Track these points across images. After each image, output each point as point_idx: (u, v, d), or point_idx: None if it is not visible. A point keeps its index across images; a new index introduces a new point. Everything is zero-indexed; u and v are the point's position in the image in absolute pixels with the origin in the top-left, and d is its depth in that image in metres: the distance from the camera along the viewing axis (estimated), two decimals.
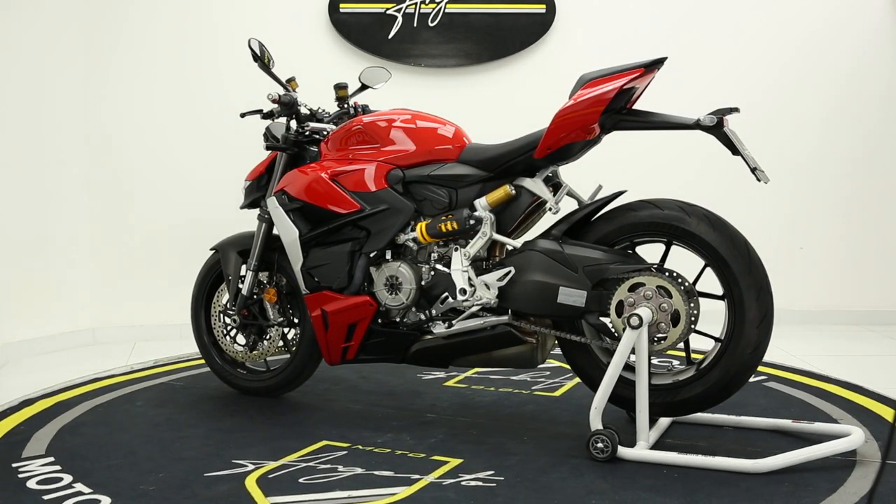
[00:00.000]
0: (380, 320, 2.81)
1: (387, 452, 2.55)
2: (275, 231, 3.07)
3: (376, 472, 2.38)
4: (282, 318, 3.10)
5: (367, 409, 3.01)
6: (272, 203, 2.94)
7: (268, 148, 3.02)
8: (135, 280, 4.34)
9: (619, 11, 4.51)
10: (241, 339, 3.17)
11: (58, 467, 2.45)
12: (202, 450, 2.59)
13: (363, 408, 3.02)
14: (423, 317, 2.76)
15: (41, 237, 4.09)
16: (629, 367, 2.56)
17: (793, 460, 2.35)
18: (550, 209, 2.62)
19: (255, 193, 3.13)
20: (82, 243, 4.27)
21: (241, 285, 3.10)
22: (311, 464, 2.46)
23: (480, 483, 2.31)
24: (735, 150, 2.46)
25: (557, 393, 3.22)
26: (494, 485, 2.29)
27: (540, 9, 4.42)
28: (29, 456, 2.55)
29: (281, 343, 3.14)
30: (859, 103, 4.54)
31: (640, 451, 2.44)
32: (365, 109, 3.17)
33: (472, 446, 2.59)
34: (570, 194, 2.75)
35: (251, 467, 2.43)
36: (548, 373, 3.48)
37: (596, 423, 2.46)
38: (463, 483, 2.30)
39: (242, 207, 3.22)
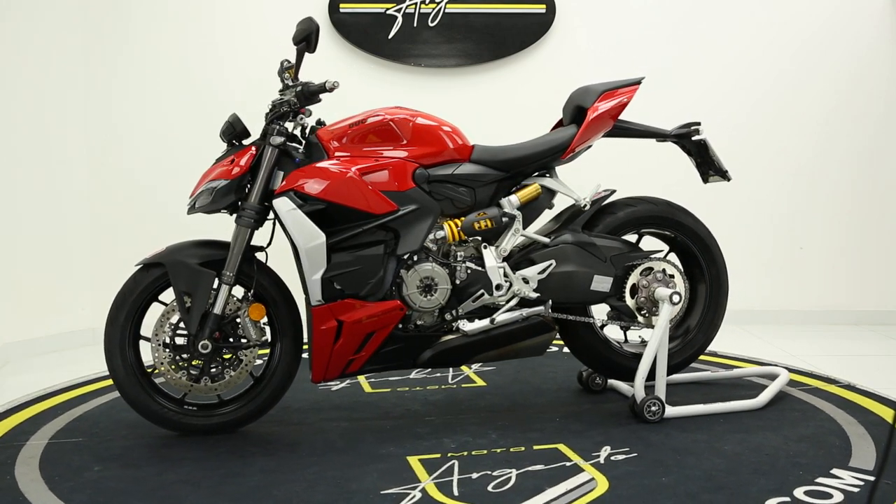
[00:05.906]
0: (400, 325, 2.71)
1: (486, 454, 2.50)
2: (258, 236, 2.76)
3: (531, 469, 2.38)
4: (265, 337, 2.73)
5: (356, 423, 2.82)
6: (284, 204, 2.58)
7: (278, 145, 2.65)
8: None
9: (620, 11, 4.51)
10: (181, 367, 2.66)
11: None
12: (319, 490, 2.25)
13: (350, 425, 2.81)
14: (448, 317, 2.75)
15: (41, 237, 4.09)
16: (601, 336, 2.97)
17: (771, 395, 2.97)
18: (585, 206, 2.88)
19: (235, 195, 2.65)
20: (82, 243, 4.26)
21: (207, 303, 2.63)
22: (452, 477, 2.32)
23: (625, 456, 2.46)
24: (705, 156, 2.95)
25: (481, 382, 3.32)
26: (636, 455, 2.47)
27: (540, 9, 4.42)
28: None
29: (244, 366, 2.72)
30: (859, 104, 4.54)
31: (679, 407, 2.83)
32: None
33: (538, 434, 2.68)
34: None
35: (418, 495, 2.20)
36: (429, 370, 3.48)
37: (641, 391, 2.77)
38: (613, 458, 2.44)
39: (206, 212, 2.68)
